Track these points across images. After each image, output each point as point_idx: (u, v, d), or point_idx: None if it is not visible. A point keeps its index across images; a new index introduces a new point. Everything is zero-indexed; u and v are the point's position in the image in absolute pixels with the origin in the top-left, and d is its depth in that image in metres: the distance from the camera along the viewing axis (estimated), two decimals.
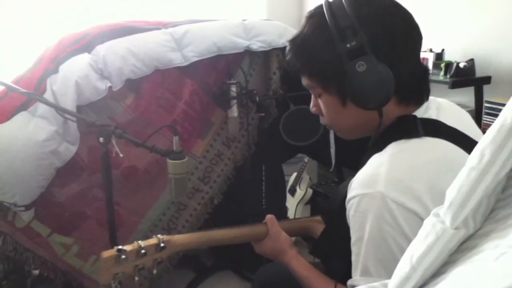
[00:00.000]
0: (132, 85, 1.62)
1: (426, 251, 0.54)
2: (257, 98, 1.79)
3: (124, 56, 1.53)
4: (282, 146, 2.05)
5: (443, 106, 0.91)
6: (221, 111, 1.87)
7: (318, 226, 1.18)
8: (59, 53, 1.55)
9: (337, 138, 2.18)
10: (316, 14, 0.87)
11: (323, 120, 0.97)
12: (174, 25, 1.68)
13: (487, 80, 2.15)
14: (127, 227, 1.79)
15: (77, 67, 1.48)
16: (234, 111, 1.79)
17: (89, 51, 1.53)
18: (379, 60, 0.81)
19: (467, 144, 0.83)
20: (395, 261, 0.76)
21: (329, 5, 0.84)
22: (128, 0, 2.39)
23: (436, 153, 0.82)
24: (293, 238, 2.39)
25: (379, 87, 0.81)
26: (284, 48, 1.88)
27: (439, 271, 0.54)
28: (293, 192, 2.49)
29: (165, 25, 1.67)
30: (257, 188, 1.97)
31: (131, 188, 1.74)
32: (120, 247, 0.97)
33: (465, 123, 0.91)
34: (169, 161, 1.32)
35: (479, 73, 2.15)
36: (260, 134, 1.98)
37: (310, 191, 2.43)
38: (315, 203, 2.46)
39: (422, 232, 0.57)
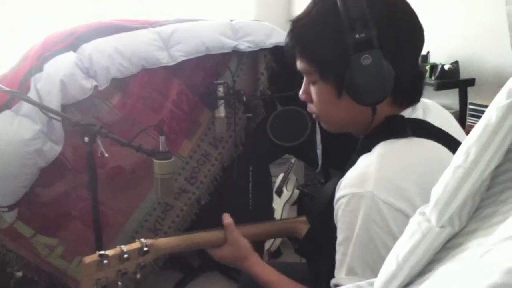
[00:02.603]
0: (119, 84, 1.60)
1: (412, 249, 0.55)
2: (244, 98, 1.79)
3: (110, 55, 1.51)
4: (269, 147, 2.05)
5: (429, 107, 0.92)
6: (208, 111, 1.87)
7: (303, 226, 1.18)
8: (45, 51, 1.53)
9: (324, 139, 2.19)
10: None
11: (311, 108, 0.94)
12: (162, 24, 1.67)
13: (471, 82, 2.18)
14: (113, 228, 1.77)
15: (63, 65, 1.47)
16: (221, 111, 1.79)
17: (74, 50, 1.51)
18: (384, 57, 0.80)
19: (452, 144, 0.83)
20: (382, 261, 0.76)
21: None
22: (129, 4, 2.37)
23: (424, 153, 0.82)
24: (278, 240, 2.41)
25: (379, 83, 0.80)
26: (271, 49, 1.91)
27: (425, 269, 0.55)
28: (279, 193, 2.49)
29: (152, 24, 1.65)
30: (244, 188, 1.97)
31: (117, 188, 1.72)
32: (102, 252, 0.95)
33: (449, 124, 0.91)
34: (155, 161, 1.31)
35: (464, 75, 2.18)
36: (248, 134, 1.97)
37: (296, 191, 2.44)
38: (301, 204, 2.46)
39: (408, 230, 0.58)
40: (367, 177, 0.78)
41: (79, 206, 1.67)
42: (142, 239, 1.02)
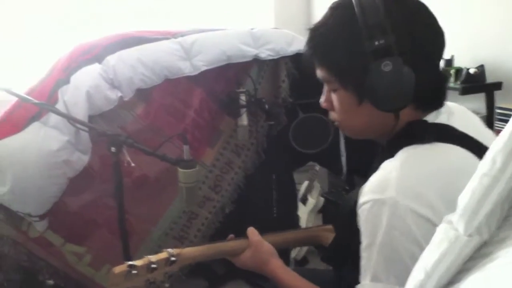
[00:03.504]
0: (142, 94, 1.64)
1: (440, 258, 0.54)
2: (266, 106, 1.79)
3: (134, 65, 1.55)
4: (292, 154, 2.05)
5: (454, 111, 0.90)
6: (230, 119, 1.88)
7: (329, 234, 1.17)
8: (71, 63, 1.57)
9: (347, 146, 2.17)
10: (344, 7, 0.85)
11: (332, 116, 0.95)
12: (183, 34, 1.69)
13: (498, 86, 2.13)
14: (138, 236, 1.80)
15: (88, 77, 1.51)
16: (243, 120, 1.80)
17: (99, 61, 1.55)
18: (404, 63, 0.79)
19: (478, 149, 0.82)
20: (406, 268, 0.75)
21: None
22: (135, 9, 2.41)
23: (447, 159, 0.81)
24: (304, 248, 2.39)
25: (401, 89, 0.80)
26: (292, 56, 1.91)
27: (454, 279, 0.54)
28: (304, 200, 2.47)
29: (174, 35, 1.69)
30: (268, 196, 1.97)
31: (142, 197, 1.75)
32: (131, 262, 0.97)
33: (476, 128, 0.89)
34: (180, 170, 1.33)
35: (490, 79, 2.13)
36: (270, 142, 1.98)
37: (321, 199, 2.42)
38: (327, 212, 2.44)
39: (435, 239, 0.57)
40: (389, 183, 0.77)
41: (105, 215, 1.70)
42: (169, 249, 1.03)
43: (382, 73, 0.79)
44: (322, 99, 0.95)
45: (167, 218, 1.87)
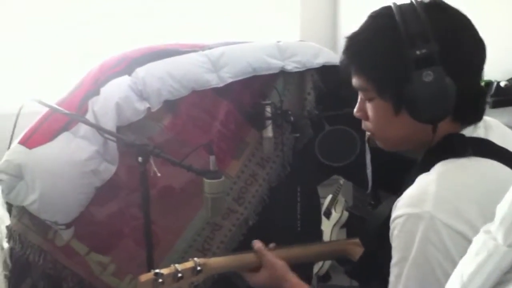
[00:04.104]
0: (169, 105, 1.65)
1: (477, 269, 0.52)
2: (292, 118, 1.79)
3: (162, 77, 1.57)
4: (318, 167, 2.03)
5: (491, 125, 0.88)
6: (255, 131, 1.88)
7: (356, 248, 1.15)
8: (100, 75, 1.60)
9: (373, 159, 2.14)
10: (383, 15, 0.84)
11: (366, 126, 0.93)
12: (211, 47, 1.71)
13: None
14: (163, 247, 1.80)
15: (118, 88, 1.53)
16: (269, 132, 1.79)
17: (129, 74, 1.58)
18: (446, 73, 0.78)
19: None
20: (439, 285, 0.73)
21: (399, 7, 0.81)
22: (160, 22, 2.44)
23: (486, 173, 0.78)
24: (327, 264, 2.35)
25: (441, 100, 0.78)
26: (319, 68, 1.91)
27: None
28: (328, 214, 2.45)
29: (202, 48, 1.71)
30: (292, 209, 1.95)
31: (167, 208, 1.76)
32: (157, 270, 0.97)
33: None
34: (206, 180, 1.33)
35: None
36: (295, 155, 1.97)
37: (345, 213, 2.39)
38: (351, 226, 2.41)
39: (472, 249, 0.55)
40: (426, 197, 0.75)
41: (131, 225, 1.71)
42: (195, 258, 1.03)
43: (423, 83, 0.77)
44: (356, 109, 0.94)
45: (191, 229, 1.87)
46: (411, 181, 0.82)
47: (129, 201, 1.69)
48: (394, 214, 0.79)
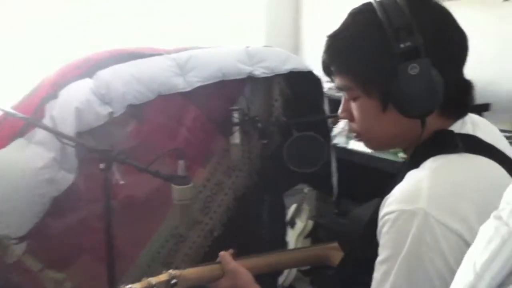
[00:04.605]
0: (134, 111, 1.58)
1: (491, 257, 0.49)
2: (260, 125, 1.75)
3: (127, 81, 1.50)
4: (284, 175, 2.00)
5: (478, 122, 0.87)
6: (222, 138, 1.83)
7: (335, 253, 1.12)
8: (59, 79, 1.51)
9: (339, 167, 2.14)
10: (365, 11, 0.82)
11: (352, 127, 0.90)
12: (178, 51, 1.66)
13: (485, 107, 2.15)
14: (124, 262, 1.69)
15: (78, 92, 1.44)
16: (236, 138, 1.75)
17: (90, 76, 1.49)
18: (432, 65, 0.76)
19: (505, 161, 0.79)
20: (430, 284, 0.70)
21: (380, 3, 0.79)
22: (122, 28, 2.37)
23: (478, 169, 0.77)
24: (292, 275, 2.32)
25: (429, 93, 0.76)
26: (285, 75, 1.89)
27: (507, 280, 0.49)
28: (292, 224, 2.42)
29: (168, 51, 1.65)
30: (258, 218, 1.91)
31: (129, 219, 1.66)
32: (129, 285, 0.90)
33: (498, 140, 0.87)
34: (174, 186, 1.26)
35: (478, 100, 2.16)
36: (262, 162, 1.93)
37: (310, 223, 2.37)
38: (316, 236, 2.39)
39: (483, 236, 0.52)
40: (419, 193, 0.72)
41: (90, 238, 1.60)
42: (170, 270, 0.96)
43: (409, 76, 0.75)
44: (340, 109, 0.91)
45: (155, 242, 1.78)
46: (400, 179, 0.79)
47: (88, 213, 1.58)
48: (383, 210, 0.76)
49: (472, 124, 0.84)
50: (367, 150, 2.45)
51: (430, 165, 0.77)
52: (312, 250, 1.19)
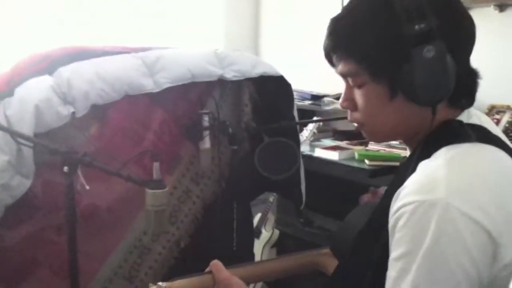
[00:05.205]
0: (97, 113, 1.47)
1: None
2: (230, 130, 1.69)
3: (91, 79, 1.39)
4: (253, 183, 1.95)
5: (479, 114, 0.86)
6: (190, 144, 1.75)
7: (328, 259, 1.07)
8: (14, 75, 1.38)
9: (306, 176, 2.11)
10: None
11: (354, 117, 0.85)
12: (144, 50, 1.57)
13: None
14: (84, 276, 1.55)
15: (37, 89, 1.32)
16: (206, 143, 1.68)
17: (50, 73, 1.37)
18: (447, 50, 0.73)
19: (510, 152, 0.78)
20: (454, 280, 0.65)
21: None
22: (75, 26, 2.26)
23: (493, 160, 0.75)
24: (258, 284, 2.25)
25: (443, 79, 0.73)
26: (254, 80, 1.85)
27: None
28: (258, 234, 2.36)
29: (135, 50, 1.55)
30: (228, 227, 1.84)
31: (91, 230, 1.53)
32: None
33: (498, 132, 0.86)
34: (149, 191, 1.17)
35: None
36: (232, 169, 1.86)
37: (276, 232, 2.32)
38: (281, 245, 2.34)
39: None
40: (437, 183, 0.68)
41: (47, 251, 1.46)
42: (159, 283, 0.87)
43: (424, 59, 0.72)
44: (342, 99, 0.86)
45: (117, 255, 1.66)
46: (408, 171, 0.76)
47: (46, 223, 1.45)
48: (397, 204, 0.72)
49: (477, 117, 0.83)
50: (333, 158, 2.47)
51: (444, 154, 0.73)
52: (305, 257, 1.12)
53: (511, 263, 0.68)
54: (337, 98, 2.88)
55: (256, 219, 2.42)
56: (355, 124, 0.87)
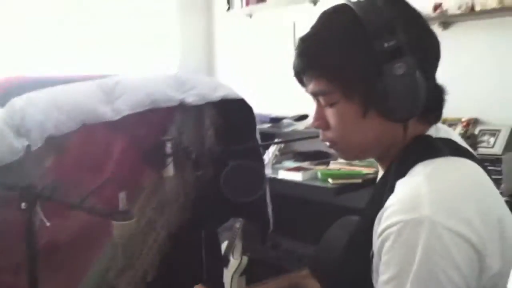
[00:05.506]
0: (53, 143, 1.38)
1: None
2: (194, 155, 1.65)
3: (46, 109, 1.32)
4: (218, 209, 1.90)
5: (446, 128, 0.88)
6: (152, 172, 1.69)
7: (309, 281, 1.04)
8: None
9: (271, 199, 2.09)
10: (341, 11, 0.79)
11: (326, 136, 0.85)
12: (102, 77, 1.52)
13: None
14: None
15: None
16: (170, 170, 1.63)
17: (2, 105, 1.29)
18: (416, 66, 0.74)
19: (479, 162, 0.79)
20: None
21: (358, 2, 0.77)
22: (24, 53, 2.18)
23: (468, 172, 0.76)
24: None
25: (415, 94, 0.74)
26: (215, 104, 1.83)
27: None
28: (226, 263, 2.29)
29: (92, 77, 1.50)
30: (196, 257, 1.77)
31: (51, 269, 1.42)
32: None
33: (463, 144, 0.88)
34: (116, 223, 1.10)
35: None
36: (196, 195, 1.81)
37: (245, 259, 2.27)
38: (251, 272, 2.28)
39: None
40: (420, 200, 0.68)
41: None
42: None
43: (395, 76, 0.73)
44: (314, 118, 0.86)
45: None
46: (388, 189, 0.75)
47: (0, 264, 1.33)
48: (382, 225, 0.71)
49: (444, 130, 0.85)
50: (297, 179, 2.47)
51: (422, 170, 0.74)
52: (285, 280, 1.10)
53: (497, 272, 0.69)
54: (296, 120, 2.92)
55: (223, 247, 2.36)
56: (327, 143, 0.86)
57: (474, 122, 2.48)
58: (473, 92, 2.44)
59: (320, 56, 0.80)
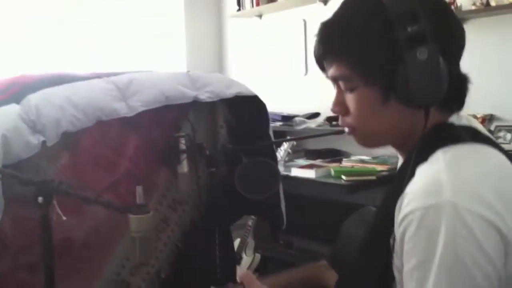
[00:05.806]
0: (67, 141, 1.39)
1: None
2: (207, 152, 1.65)
3: (61, 105, 1.32)
4: (231, 206, 1.90)
5: (469, 117, 0.87)
6: (166, 169, 1.69)
7: (326, 272, 1.04)
8: None
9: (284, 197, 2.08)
10: None
11: (346, 122, 0.84)
12: (115, 74, 1.52)
13: None
14: None
15: (4, 119, 1.24)
16: (184, 167, 1.63)
17: (17, 102, 1.30)
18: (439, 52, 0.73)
19: (502, 150, 0.78)
20: (474, 283, 0.64)
21: None
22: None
23: (490, 158, 0.75)
24: None
25: (437, 80, 0.73)
26: (227, 101, 1.83)
27: None
28: (239, 260, 2.29)
29: (107, 74, 1.50)
30: (210, 254, 1.76)
31: (65, 268, 1.42)
32: None
33: (488, 134, 0.87)
34: (132, 217, 1.10)
35: None
36: (210, 192, 1.81)
37: (258, 256, 2.26)
38: (264, 269, 2.28)
39: None
40: (441, 185, 0.68)
41: None
42: None
43: (417, 61, 0.72)
44: (333, 103, 0.85)
45: None
46: (408, 176, 0.74)
47: (16, 263, 1.34)
48: (402, 212, 0.70)
49: (466, 119, 0.84)
50: (310, 176, 2.45)
51: (442, 156, 0.73)
52: (306, 270, 1.12)
53: None
54: (308, 118, 2.92)
55: (235, 244, 2.36)
56: (346, 129, 0.86)
57: (489, 118, 2.45)
58: (489, 88, 2.41)
59: (341, 41, 0.80)
